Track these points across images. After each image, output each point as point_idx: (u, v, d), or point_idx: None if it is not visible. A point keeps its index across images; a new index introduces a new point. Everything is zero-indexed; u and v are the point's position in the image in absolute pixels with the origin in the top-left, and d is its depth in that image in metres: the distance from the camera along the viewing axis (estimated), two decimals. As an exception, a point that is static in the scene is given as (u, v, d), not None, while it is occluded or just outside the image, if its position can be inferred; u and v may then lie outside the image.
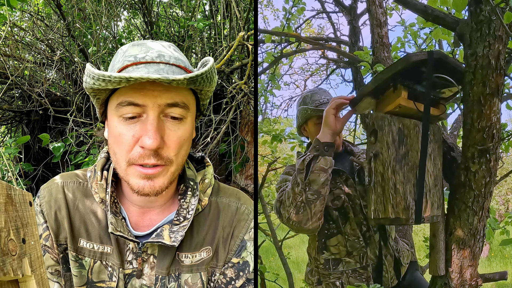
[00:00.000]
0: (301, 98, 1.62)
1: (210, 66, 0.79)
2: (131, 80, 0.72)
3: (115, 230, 0.85)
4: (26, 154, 3.16)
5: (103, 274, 0.91)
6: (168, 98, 0.79)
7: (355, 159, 1.36)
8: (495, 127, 1.03)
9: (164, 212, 0.93)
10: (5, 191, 0.48)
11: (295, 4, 2.65)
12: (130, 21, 3.62)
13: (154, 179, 0.81)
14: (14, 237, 0.48)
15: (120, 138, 0.80)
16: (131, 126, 0.79)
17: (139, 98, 0.77)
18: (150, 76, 0.71)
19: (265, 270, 2.42)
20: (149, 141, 0.77)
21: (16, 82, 2.66)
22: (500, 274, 1.19)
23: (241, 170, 2.81)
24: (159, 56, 0.79)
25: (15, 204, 0.50)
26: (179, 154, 0.83)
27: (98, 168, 0.92)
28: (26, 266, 0.49)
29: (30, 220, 0.53)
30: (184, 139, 0.83)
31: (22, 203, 0.52)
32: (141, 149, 0.79)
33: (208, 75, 0.79)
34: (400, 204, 1.06)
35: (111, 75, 0.72)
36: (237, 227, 0.94)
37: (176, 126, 0.82)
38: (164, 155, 0.80)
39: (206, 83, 0.80)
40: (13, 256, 0.47)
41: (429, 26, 1.95)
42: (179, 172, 0.87)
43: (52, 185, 0.94)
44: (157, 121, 0.78)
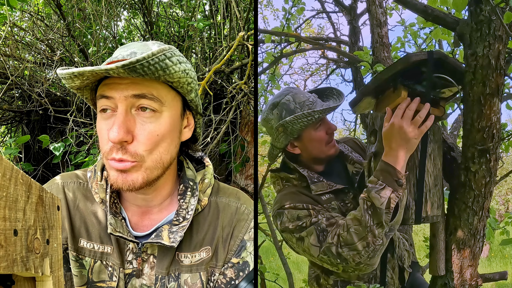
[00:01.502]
0: (272, 107, 1.26)
1: (153, 52, 0.72)
2: (76, 74, 0.75)
3: (114, 231, 0.85)
4: (26, 154, 3.16)
5: (104, 274, 0.91)
6: (135, 89, 0.78)
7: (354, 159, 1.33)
8: (495, 127, 1.03)
9: (163, 212, 0.93)
10: (38, 192, 0.50)
11: (295, 4, 2.65)
12: (130, 21, 3.62)
13: (127, 173, 0.80)
14: (40, 236, 0.50)
15: (100, 133, 0.82)
16: (107, 121, 0.81)
17: (107, 91, 0.79)
18: (85, 69, 0.73)
19: (265, 270, 2.42)
20: (112, 135, 0.77)
21: (16, 82, 2.66)
22: (500, 274, 1.19)
23: (241, 170, 2.81)
24: (131, 54, 0.81)
25: (45, 206, 0.52)
26: (154, 151, 0.81)
27: (98, 168, 0.92)
28: (46, 266, 0.51)
29: (56, 223, 0.55)
30: (158, 134, 0.80)
31: (51, 206, 0.54)
32: (111, 143, 0.79)
33: (151, 62, 0.72)
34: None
35: (63, 71, 0.76)
36: (237, 227, 0.94)
37: (148, 120, 0.80)
38: (131, 150, 0.79)
39: (156, 72, 0.74)
40: (37, 254, 0.49)
41: (429, 26, 1.95)
42: (160, 171, 0.84)
43: (52, 185, 0.95)
44: (124, 115, 0.78)
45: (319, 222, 1.14)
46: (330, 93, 1.33)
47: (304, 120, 1.20)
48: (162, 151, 0.83)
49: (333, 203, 1.23)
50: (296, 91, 1.26)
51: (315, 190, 1.23)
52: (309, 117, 1.20)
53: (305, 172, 1.26)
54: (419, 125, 1.03)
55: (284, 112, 1.23)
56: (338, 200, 1.25)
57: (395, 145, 1.04)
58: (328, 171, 1.31)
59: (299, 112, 1.21)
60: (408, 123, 1.03)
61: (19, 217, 0.45)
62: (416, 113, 1.04)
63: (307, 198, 1.22)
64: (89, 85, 0.83)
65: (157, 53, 0.73)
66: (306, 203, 1.19)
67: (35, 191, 0.49)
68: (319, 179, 1.26)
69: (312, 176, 1.26)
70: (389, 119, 1.06)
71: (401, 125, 1.03)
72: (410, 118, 1.03)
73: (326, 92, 1.35)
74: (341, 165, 1.34)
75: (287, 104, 1.24)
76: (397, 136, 1.03)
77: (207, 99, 2.88)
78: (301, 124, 1.20)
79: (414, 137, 1.03)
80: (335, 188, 1.24)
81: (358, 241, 1.05)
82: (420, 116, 1.03)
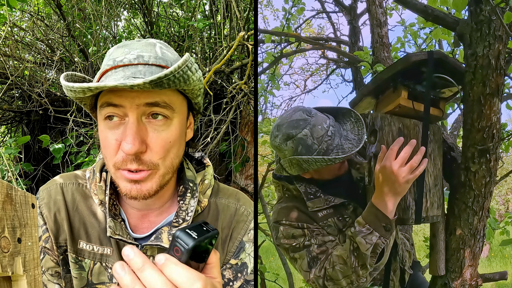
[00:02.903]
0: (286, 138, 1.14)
1: (179, 65, 0.71)
2: (92, 89, 0.71)
3: (113, 233, 0.84)
4: (26, 154, 3.15)
5: (103, 275, 0.90)
6: (147, 97, 0.76)
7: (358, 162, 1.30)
8: (495, 127, 1.03)
9: (163, 213, 0.92)
10: (5, 190, 0.50)
11: (295, 4, 2.65)
12: (130, 21, 3.62)
13: (141, 183, 0.79)
14: (8, 235, 0.49)
15: (106, 142, 0.79)
16: (115, 130, 0.78)
17: (116, 99, 0.76)
18: (107, 84, 0.69)
19: (265, 270, 2.42)
20: (127, 147, 0.74)
21: (16, 82, 2.66)
22: (500, 274, 1.19)
23: (241, 170, 2.81)
24: (138, 57, 0.77)
25: (14, 204, 0.51)
26: (167, 157, 0.80)
27: (97, 169, 0.91)
28: (18, 265, 0.50)
29: (30, 221, 0.54)
30: (170, 141, 0.80)
31: (23, 204, 0.53)
32: (123, 153, 0.77)
33: (178, 75, 0.72)
34: (400, 204, 1.06)
35: (74, 85, 0.72)
36: (236, 228, 0.93)
37: (160, 128, 0.78)
38: (146, 160, 0.78)
39: (179, 83, 0.74)
40: (5, 253, 0.48)
41: (429, 26, 1.95)
42: (171, 175, 0.85)
43: (51, 186, 0.93)
44: (136, 125, 0.76)
45: (311, 249, 1.15)
46: (348, 115, 1.21)
47: (324, 164, 1.10)
48: (173, 157, 0.82)
49: (329, 220, 1.21)
50: (313, 122, 1.12)
51: (311, 207, 1.20)
52: (329, 162, 1.10)
53: (302, 187, 1.23)
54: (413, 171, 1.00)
55: (300, 147, 1.12)
56: (337, 214, 1.22)
57: (386, 189, 1.01)
58: (334, 180, 1.27)
59: (316, 148, 1.11)
60: (401, 168, 0.99)
61: None
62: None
63: (304, 216, 1.20)
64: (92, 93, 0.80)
65: (182, 65, 0.72)
66: (302, 221, 1.19)
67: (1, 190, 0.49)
68: (316, 194, 1.22)
69: (309, 192, 1.22)
70: (383, 158, 1.03)
71: (393, 170, 0.99)
72: (404, 162, 1.00)
73: (343, 111, 1.23)
74: (347, 171, 1.30)
75: (304, 139, 1.12)
76: (388, 180, 1.00)
77: (207, 99, 2.88)
78: (319, 165, 1.11)
79: (407, 183, 1.00)
80: (333, 204, 1.21)
81: (343, 278, 1.08)
82: (415, 162, 1.00)
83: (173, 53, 0.85)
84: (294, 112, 1.16)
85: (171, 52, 0.84)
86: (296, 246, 1.17)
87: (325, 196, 1.21)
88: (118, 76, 0.76)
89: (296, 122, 1.13)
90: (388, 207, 1.03)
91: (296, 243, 1.17)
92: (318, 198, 1.21)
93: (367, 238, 1.04)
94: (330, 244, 1.15)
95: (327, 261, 1.12)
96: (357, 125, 1.17)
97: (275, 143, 1.17)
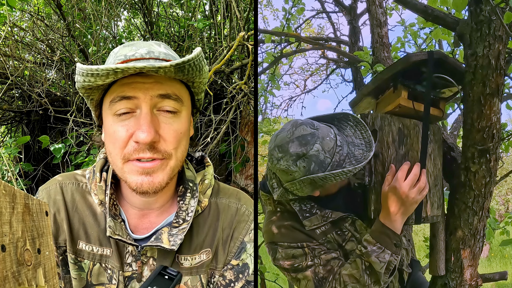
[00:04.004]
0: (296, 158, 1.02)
1: (198, 53, 0.76)
2: (118, 71, 0.71)
3: (113, 233, 0.84)
4: (26, 154, 3.15)
5: (103, 276, 0.89)
6: (160, 89, 0.78)
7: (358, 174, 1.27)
8: (495, 127, 1.03)
9: (163, 214, 0.92)
10: (23, 201, 0.48)
11: (295, 4, 2.65)
12: (130, 21, 3.62)
13: (153, 175, 0.79)
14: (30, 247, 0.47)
15: (115, 135, 0.79)
16: (125, 122, 0.79)
17: (130, 91, 0.77)
18: (136, 65, 0.71)
19: (265, 270, 2.42)
20: (142, 135, 0.76)
21: (16, 82, 2.66)
22: (500, 274, 1.19)
23: (241, 170, 2.81)
24: (149, 53, 0.80)
25: (32, 214, 0.49)
26: (179, 148, 0.82)
27: (97, 169, 0.91)
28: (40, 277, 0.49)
29: (46, 230, 0.53)
30: (181, 132, 0.82)
31: (39, 212, 0.52)
32: (135, 144, 0.78)
33: (196, 62, 0.76)
34: (400, 204, 1.06)
35: (98, 67, 0.71)
36: (237, 228, 0.93)
37: (171, 119, 0.81)
38: (161, 149, 0.79)
39: (195, 72, 0.78)
40: (28, 266, 0.46)
41: (429, 26, 1.95)
42: (179, 168, 0.86)
43: (50, 186, 0.93)
44: (150, 115, 0.77)
45: (316, 271, 1.12)
46: (344, 119, 1.13)
47: (343, 177, 1.02)
48: (183, 149, 0.84)
49: (328, 237, 1.17)
50: (321, 134, 1.03)
51: (308, 226, 1.15)
52: (349, 174, 1.01)
53: (296, 206, 1.17)
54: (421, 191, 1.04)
55: (313, 165, 1.01)
56: (335, 229, 1.18)
57: (395, 209, 1.04)
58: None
59: (329, 162, 1.02)
60: (411, 189, 1.03)
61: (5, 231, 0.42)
62: None
63: (302, 236, 1.16)
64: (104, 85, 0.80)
65: (199, 54, 0.76)
66: (301, 241, 1.15)
67: (20, 200, 0.47)
68: (312, 212, 1.16)
69: (304, 209, 1.17)
70: (391, 178, 1.05)
71: (404, 191, 1.02)
72: (413, 184, 1.03)
73: (338, 117, 1.15)
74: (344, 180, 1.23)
75: (317, 156, 1.01)
76: (398, 201, 1.03)
77: (207, 99, 2.88)
78: (338, 179, 1.02)
79: (416, 203, 1.04)
80: (331, 220, 1.16)
81: None
82: (423, 183, 1.04)
83: (174, 53, 0.87)
84: (295, 128, 1.05)
85: (173, 52, 0.86)
86: (298, 266, 1.13)
87: (321, 212, 1.16)
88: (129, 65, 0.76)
89: (303, 139, 1.02)
90: (397, 226, 1.05)
91: (298, 264, 1.14)
92: (314, 215, 1.16)
93: (380, 256, 1.05)
94: (334, 263, 1.13)
95: (336, 281, 1.10)
96: (358, 128, 1.10)
97: (281, 166, 1.04)
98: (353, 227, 1.17)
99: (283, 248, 1.14)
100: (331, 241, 1.17)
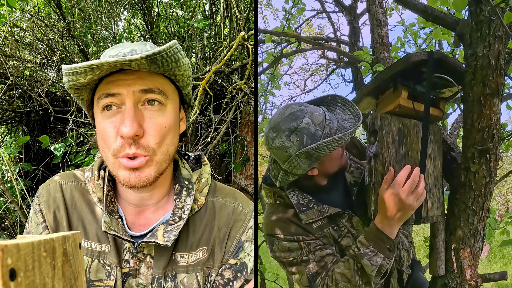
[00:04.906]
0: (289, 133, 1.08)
1: (171, 44, 0.77)
2: (94, 67, 0.74)
3: (108, 229, 0.85)
4: (26, 154, 3.15)
5: (101, 273, 0.91)
6: (142, 84, 0.80)
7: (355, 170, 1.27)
8: (495, 127, 1.03)
9: (160, 211, 0.93)
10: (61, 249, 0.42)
11: (295, 4, 2.65)
12: (130, 21, 3.62)
13: (140, 170, 0.81)
14: None
15: (104, 132, 0.82)
16: (112, 119, 0.81)
17: (114, 88, 0.80)
18: (108, 60, 0.73)
19: (265, 270, 2.42)
20: (125, 129, 0.77)
21: (16, 82, 2.66)
22: (500, 274, 1.19)
23: (241, 170, 2.81)
24: (131, 51, 0.82)
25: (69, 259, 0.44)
26: (162, 143, 0.83)
27: (95, 167, 0.93)
28: None
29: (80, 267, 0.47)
30: (165, 126, 0.83)
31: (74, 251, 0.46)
32: (121, 139, 0.80)
33: (169, 53, 0.77)
34: (400, 204, 1.06)
35: (77, 65, 0.75)
36: (234, 227, 0.94)
37: (155, 113, 0.82)
38: (143, 144, 0.80)
39: (171, 64, 0.79)
40: None
41: (429, 26, 1.95)
42: (167, 163, 0.86)
43: (50, 184, 0.95)
44: (133, 110, 0.79)
45: (310, 266, 1.14)
46: (332, 101, 1.19)
47: (335, 145, 1.06)
48: (168, 143, 0.85)
49: (325, 231, 1.19)
50: (310, 110, 1.09)
51: (305, 220, 1.17)
52: (340, 141, 1.06)
53: (294, 198, 1.20)
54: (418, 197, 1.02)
55: (305, 137, 1.07)
56: (332, 224, 1.19)
57: (391, 214, 1.03)
58: (329, 185, 1.24)
59: (320, 134, 1.07)
60: (409, 196, 1.01)
61: None
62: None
63: (298, 229, 1.18)
64: (90, 83, 0.83)
65: (173, 45, 0.77)
66: (297, 234, 1.17)
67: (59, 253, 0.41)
68: (309, 206, 1.18)
69: (301, 203, 1.19)
70: (390, 181, 1.04)
71: (402, 198, 1.01)
72: (411, 190, 1.02)
73: (326, 100, 1.20)
74: (341, 175, 1.27)
75: (307, 128, 1.07)
76: (395, 207, 1.02)
77: (207, 99, 2.88)
78: (330, 149, 1.06)
79: (413, 210, 1.03)
80: (327, 214, 1.18)
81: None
82: (421, 189, 1.02)
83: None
84: (285, 109, 1.12)
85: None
86: (294, 260, 1.16)
87: (318, 206, 1.18)
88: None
89: (293, 115, 1.09)
90: (393, 231, 1.06)
91: (293, 258, 1.16)
92: (311, 209, 1.18)
93: (372, 260, 1.06)
94: (329, 259, 1.14)
95: (329, 278, 1.11)
96: (346, 106, 1.15)
97: (276, 144, 1.09)
98: (350, 224, 1.19)
99: (279, 241, 1.17)
100: (327, 235, 1.18)
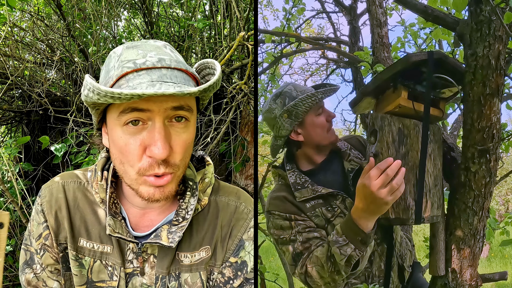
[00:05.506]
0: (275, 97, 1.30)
1: (220, 75, 0.80)
2: (143, 97, 0.69)
3: (113, 232, 0.85)
4: (26, 154, 3.15)
5: (103, 273, 0.91)
6: (174, 101, 0.77)
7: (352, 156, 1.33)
8: (495, 127, 1.03)
9: (164, 212, 0.93)
10: None
11: (295, 4, 2.65)
12: (130, 21, 3.62)
13: (164, 186, 0.81)
14: None
15: (127, 148, 0.78)
16: (138, 136, 0.77)
17: (143, 104, 0.74)
18: (165, 92, 0.68)
19: (265, 270, 2.42)
20: (158, 152, 0.75)
21: (16, 82, 2.66)
22: (500, 274, 1.19)
23: (241, 170, 2.81)
24: (160, 61, 0.76)
25: None
26: (186, 158, 0.83)
27: (99, 168, 0.92)
28: None
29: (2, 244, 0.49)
30: (189, 142, 0.83)
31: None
32: (150, 158, 0.77)
33: (218, 82, 0.80)
34: (400, 204, 1.06)
35: (122, 92, 0.68)
36: (236, 226, 0.94)
37: (182, 130, 0.80)
38: (171, 162, 0.79)
39: (214, 89, 0.81)
40: None
41: (429, 26, 1.95)
42: (183, 173, 0.88)
43: (52, 184, 0.95)
44: (164, 129, 0.76)
45: (295, 246, 1.19)
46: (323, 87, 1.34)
47: (309, 101, 1.23)
48: (188, 156, 0.85)
49: (317, 211, 1.24)
50: (294, 83, 1.32)
51: (298, 197, 1.25)
52: (313, 97, 1.23)
53: (292, 177, 1.29)
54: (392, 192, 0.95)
55: (287, 99, 1.27)
56: (326, 205, 1.24)
57: (363, 206, 1.00)
58: (324, 166, 1.33)
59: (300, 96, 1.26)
60: (381, 189, 0.95)
61: None
62: None
63: (292, 207, 1.25)
64: None
65: (221, 73, 0.80)
66: (290, 212, 1.24)
67: None
68: (304, 185, 1.27)
69: (298, 182, 1.28)
70: (368, 171, 0.98)
71: (372, 190, 0.95)
72: (385, 184, 0.95)
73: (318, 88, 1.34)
74: (338, 161, 1.35)
75: (289, 92, 1.28)
76: (367, 199, 0.97)
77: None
78: (306, 105, 1.23)
79: (386, 204, 0.96)
80: (319, 193, 1.23)
81: (320, 279, 1.14)
82: (396, 184, 0.95)
83: (179, 55, 0.87)
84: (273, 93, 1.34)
85: (178, 54, 0.86)
86: (284, 239, 1.23)
87: (313, 186, 1.26)
88: (144, 80, 0.74)
89: (278, 89, 1.33)
90: (365, 224, 1.03)
91: (284, 236, 1.23)
92: (305, 188, 1.26)
93: (342, 249, 1.06)
94: (313, 242, 1.19)
95: (309, 259, 1.16)
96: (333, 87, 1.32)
97: (266, 108, 1.32)
98: (344, 205, 1.25)
99: (274, 218, 1.26)
100: (319, 215, 1.24)
